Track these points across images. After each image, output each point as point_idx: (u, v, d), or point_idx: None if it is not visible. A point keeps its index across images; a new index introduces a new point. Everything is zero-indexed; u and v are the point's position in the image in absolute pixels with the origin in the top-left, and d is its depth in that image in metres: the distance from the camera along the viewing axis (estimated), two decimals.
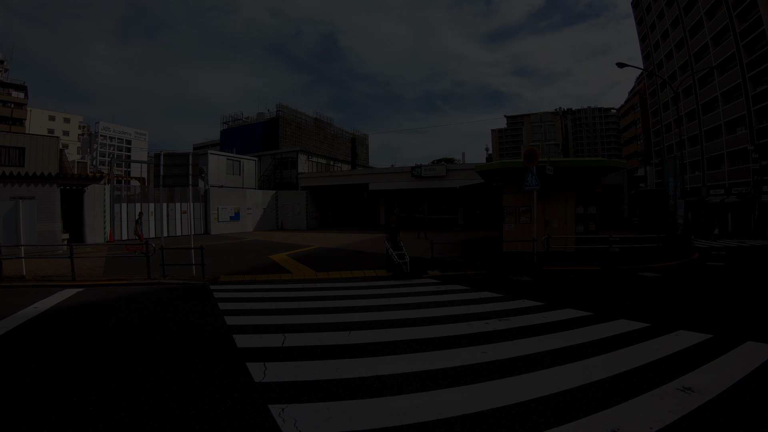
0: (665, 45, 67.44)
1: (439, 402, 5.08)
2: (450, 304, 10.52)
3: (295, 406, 5.02)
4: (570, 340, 7.42)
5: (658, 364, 6.29)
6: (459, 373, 6.00)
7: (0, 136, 35.35)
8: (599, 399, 5.11)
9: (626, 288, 12.71)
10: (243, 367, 6.26)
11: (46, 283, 13.74)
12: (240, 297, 11.73)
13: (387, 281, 14.12)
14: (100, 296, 11.83)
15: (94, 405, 5.07)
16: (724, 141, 51.57)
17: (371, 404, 5.07)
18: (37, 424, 4.66)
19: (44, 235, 21.62)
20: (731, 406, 4.92)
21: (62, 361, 6.64)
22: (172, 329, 8.40)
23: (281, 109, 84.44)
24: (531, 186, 16.60)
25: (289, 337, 7.70)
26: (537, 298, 11.05)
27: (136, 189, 33.71)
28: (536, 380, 5.71)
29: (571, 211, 19.27)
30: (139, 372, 6.12)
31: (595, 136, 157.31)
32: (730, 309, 9.97)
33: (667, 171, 26.06)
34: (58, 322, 9.13)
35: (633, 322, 8.69)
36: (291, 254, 21.29)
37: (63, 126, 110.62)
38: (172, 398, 5.25)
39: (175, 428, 4.57)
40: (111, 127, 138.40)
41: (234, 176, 45.86)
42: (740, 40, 47.65)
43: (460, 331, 8.10)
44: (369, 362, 6.47)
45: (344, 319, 9.10)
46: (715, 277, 14.85)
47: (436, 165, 46.24)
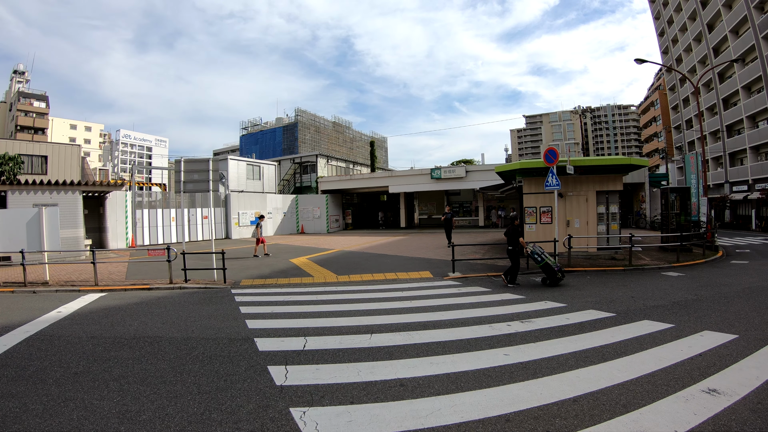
0: (683, 39, 66.68)
1: (460, 405, 5.06)
2: (471, 307, 10.48)
3: (317, 409, 5.04)
4: (593, 342, 7.36)
5: (683, 365, 6.21)
6: (481, 375, 5.98)
7: (23, 145, 35.88)
8: (623, 401, 5.06)
9: (649, 288, 12.55)
10: (265, 371, 6.30)
11: (69, 288, 13.92)
12: (261, 301, 11.81)
13: (408, 284, 14.10)
14: (123, 301, 11.99)
15: (116, 407, 5.17)
16: (746, 136, 50.81)
17: (393, 407, 5.06)
18: (61, 426, 4.75)
19: (67, 241, 21.89)
20: (757, 408, 4.85)
21: (85, 364, 6.77)
22: (194, 333, 8.48)
23: (299, 113, 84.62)
24: (552, 186, 16.46)
25: (310, 341, 7.73)
26: (559, 300, 11.00)
27: (158, 195, 34.00)
28: (559, 382, 5.67)
29: (592, 211, 19.09)
30: (161, 375, 6.21)
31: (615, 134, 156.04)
32: (755, 308, 9.82)
33: (688, 168, 25.72)
34: (81, 326, 9.28)
35: (657, 322, 8.60)
36: (312, 258, 21.33)
37: (84, 134, 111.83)
38: (194, 401, 5.31)
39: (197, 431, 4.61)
40: (131, 135, 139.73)
41: (254, 181, 46.05)
42: (759, 32, 46.96)
43: (482, 333, 8.08)
44: (390, 365, 6.47)
45: (365, 322, 9.12)
46: (740, 276, 14.63)
47: (455, 166, 46.05)
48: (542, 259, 13.22)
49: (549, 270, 13.20)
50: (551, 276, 13.24)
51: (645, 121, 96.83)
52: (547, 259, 13.26)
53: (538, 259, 13.29)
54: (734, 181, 53.12)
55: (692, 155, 25.95)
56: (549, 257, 13.40)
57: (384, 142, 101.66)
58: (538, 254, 13.35)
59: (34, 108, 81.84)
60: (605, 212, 19.09)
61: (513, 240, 13.71)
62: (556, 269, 13.21)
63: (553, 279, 13.24)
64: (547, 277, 13.35)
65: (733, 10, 52.31)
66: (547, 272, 13.28)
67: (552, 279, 13.26)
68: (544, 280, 13.51)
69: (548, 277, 13.32)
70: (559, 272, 13.22)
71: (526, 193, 20.01)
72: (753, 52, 48.84)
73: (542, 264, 13.23)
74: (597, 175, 19.27)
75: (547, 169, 16.72)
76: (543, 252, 13.46)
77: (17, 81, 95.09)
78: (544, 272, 13.41)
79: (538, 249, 13.58)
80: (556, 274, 13.19)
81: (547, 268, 13.21)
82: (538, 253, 13.39)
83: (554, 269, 13.17)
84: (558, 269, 13.24)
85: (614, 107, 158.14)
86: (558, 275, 13.21)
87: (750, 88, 50.89)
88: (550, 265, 13.18)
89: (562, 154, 17.35)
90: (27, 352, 7.42)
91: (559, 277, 13.25)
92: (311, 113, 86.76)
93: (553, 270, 13.17)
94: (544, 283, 13.39)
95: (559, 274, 13.22)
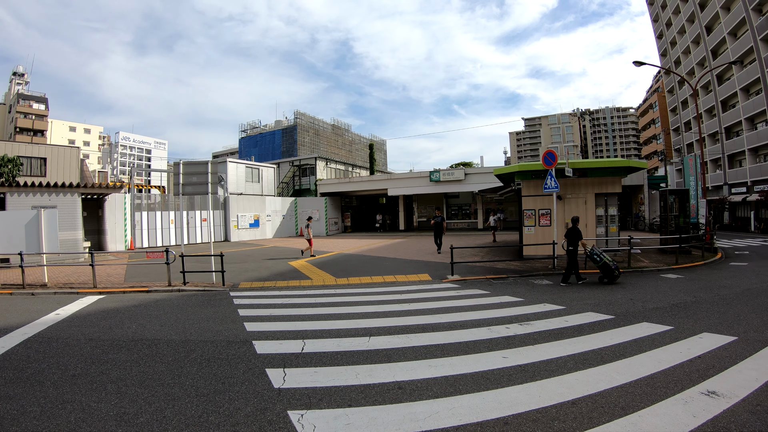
0: (682, 41, 66.75)
1: (458, 408, 5.05)
2: (470, 309, 10.46)
3: (315, 412, 5.03)
4: (592, 344, 7.35)
5: (682, 367, 6.20)
6: (479, 378, 5.97)
7: (22, 147, 35.90)
8: (622, 404, 5.05)
9: (648, 290, 12.55)
10: (263, 374, 6.29)
11: (67, 290, 13.94)
12: (260, 303, 11.80)
13: (406, 287, 14.08)
14: (121, 303, 11.98)
15: (114, 410, 5.17)
16: (745, 137, 50.83)
17: (391, 410, 5.05)
18: (58, 428, 4.76)
19: (66, 243, 21.92)
20: (756, 410, 4.84)
21: (83, 366, 6.77)
22: (192, 336, 8.47)
23: (299, 116, 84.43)
24: (550, 188, 16.48)
25: (308, 343, 7.71)
26: (558, 302, 10.97)
27: (157, 197, 33.98)
28: (558, 385, 5.65)
29: (591, 213, 19.10)
30: (159, 378, 6.20)
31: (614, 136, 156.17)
32: (754, 310, 9.81)
33: (687, 170, 25.73)
34: (79, 328, 9.28)
35: (656, 325, 8.59)
36: (310, 260, 21.34)
37: (83, 136, 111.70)
38: (192, 404, 5.30)
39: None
40: (131, 137, 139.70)
41: (253, 184, 46.06)
42: (758, 34, 47.03)
43: (480, 336, 8.06)
44: (388, 368, 6.46)
45: (364, 324, 9.11)
46: (739, 278, 14.63)
47: (454, 169, 46.05)
48: (600, 259, 13.95)
49: (607, 269, 13.87)
50: (609, 275, 13.92)
51: (644, 123, 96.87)
52: (605, 259, 13.93)
53: (597, 259, 14.01)
54: (733, 183, 53.14)
55: (691, 157, 25.96)
56: (607, 257, 14.04)
57: (383, 145, 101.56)
58: (597, 254, 14.07)
59: (34, 110, 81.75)
60: (604, 214, 19.11)
61: (573, 241, 14.21)
62: (613, 267, 13.83)
63: (611, 277, 13.91)
64: (605, 276, 14.05)
65: (731, 12, 52.39)
66: (605, 271, 13.93)
67: (610, 278, 13.93)
68: (601, 279, 14.22)
69: (606, 276, 14.01)
70: (615, 270, 13.86)
71: (525, 196, 19.99)
72: (751, 54, 48.90)
73: (601, 264, 13.95)
74: (596, 178, 19.28)
75: (546, 171, 16.75)
76: (601, 252, 14.13)
77: (17, 83, 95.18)
78: (601, 271, 14.12)
79: (596, 249, 14.25)
80: (613, 272, 13.86)
81: (605, 267, 13.89)
82: (597, 253, 14.09)
83: (612, 268, 13.81)
84: (615, 267, 13.88)
85: (613, 110, 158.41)
86: (615, 273, 13.87)
87: (748, 90, 50.94)
88: (609, 265, 13.85)
89: (560, 156, 17.34)
90: (25, 354, 7.41)
91: (616, 275, 13.92)
92: (310, 116, 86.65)
93: (611, 269, 13.83)
94: (601, 282, 14.05)
95: (616, 272, 13.88)
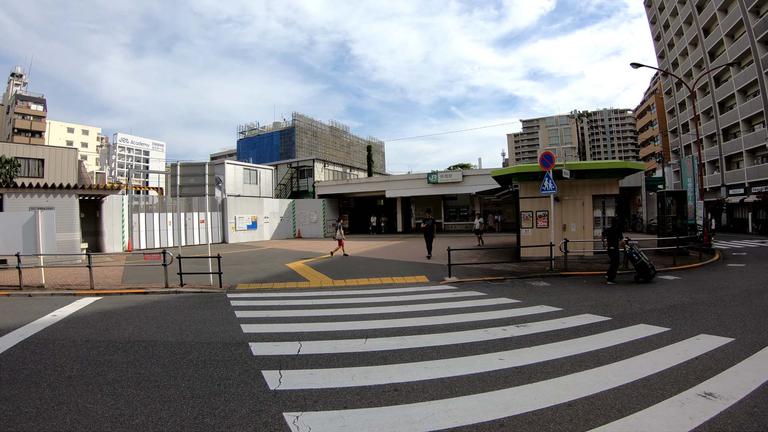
0: (679, 43, 66.98)
1: (454, 410, 5.03)
2: (467, 311, 10.45)
3: (310, 414, 5.02)
4: (589, 346, 7.34)
5: (679, 369, 6.19)
6: (475, 380, 5.95)
7: (20, 148, 35.87)
8: (618, 406, 5.03)
9: (645, 292, 12.53)
10: (258, 375, 6.28)
11: (64, 291, 13.92)
12: (257, 305, 11.78)
13: (404, 288, 14.07)
14: (118, 305, 11.96)
15: (109, 411, 5.16)
16: (743, 139, 50.98)
17: (386, 412, 5.03)
18: (54, 429, 4.76)
19: (63, 245, 21.89)
20: (754, 412, 4.82)
21: (79, 367, 6.76)
22: (188, 337, 8.45)
23: (297, 117, 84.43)
24: (547, 190, 16.49)
25: (305, 345, 7.70)
26: (555, 304, 10.95)
27: (154, 199, 33.96)
28: (554, 387, 5.64)
29: (588, 215, 19.09)
30: (154, 379, 6.19)
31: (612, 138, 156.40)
32: (752, 311, 9.81)
33: (684, 171, 25.75)
34: (76, 329, 9.27)
35: (653, 326, 8.58)
36: (308, 262, 21.31)
37: (81, 138, 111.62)
38: (188, 406, 5.29)
39: None
40: (129, 138, 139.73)
41: (251, 185, 46.02)
42: (755, 36, 47.17)
43: (477, 338, 8.04)
44: (384, 370, 6.44)
45: (361, 326, 9.09)
46: (736, 279, 14.65)
47: (452, 171, 46.12)
48: (638, 258, 14.42)
49: (644, 268, 14.31)
50: (645, 274, 14.32)
51: (641, 125, 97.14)
52: (643, 258, 14.40)
53: (635, 258, 14.50)
54: (731, 184, 53.32)
55: (688, 159, 25.99)
56: (644, 256, 14.52)
57: (381, 147, 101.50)
58: (635, 254, 14.55)
59: (32, 111, 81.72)
60: (602, 216, 19.11)
61: (614, 240, 14.59)
62: (650, 267, 14.32)
63: (647, 277, 14.31)
64: (641, 275, 14.43)
65: (729, 14, 52.59)
66: (642, 270, 14.36)
67: (646, 277, 14.32)
68: (636, 278, 14.54)
69: (641, 275, 14.41)
70: (651, 270, 14.36)
71: (522, 198, 20.00)
72: (749, 55, 49.07)
73: (638, 263, 14.40)
74: (593, 179, 19.28)
75: (543, 173, 16.76)
76: (640, 252, 14.59)
77: (15, 84, 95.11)
78: (637, 271, 14.52)
79: (636, 249, 14.70)
80: (649, 272, 14.31)
81: (642, 266, 14.34)
82: (636, 252, 14.57)
83: (648, 267, 14.29)
84: (651, 267, 14.37)
85: (611, 111, 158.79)
86: (651, 272, 14.35)
87: (746, 92, 51.11)
88: (646, 264, 14.32)
89: (558, 158, 17.32)
90: (21, 356, 7.39)
91: (652, 275, 14.39)
92: (308, 117, 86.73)
93: (647, 268, 14.28)
94: (637, 281, 14.35)
95: (652, 272, 14.38)
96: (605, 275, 14.73)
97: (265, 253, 27.39)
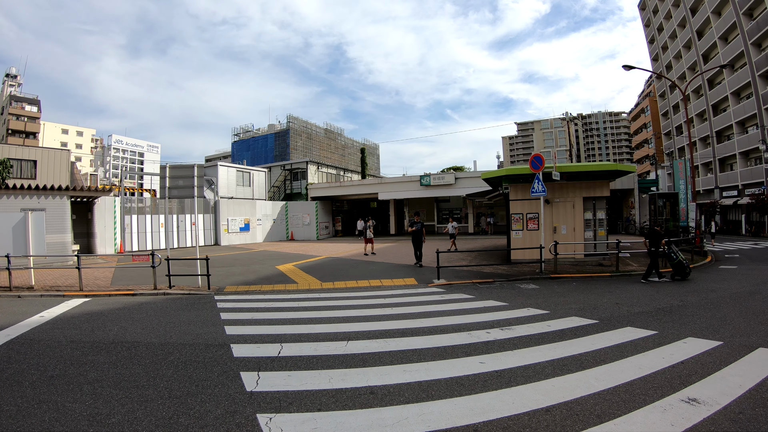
0: (673, 46, 67.25)
1: (428, 414, 4.97)
2: (453, 314, 10.41)
3: (283, 416, 5.00)
4: (573, 350, 7.28)
5: (664, 373, 6.13)
6: (453, 384, 5.89)
7: (12, 149, 35.69)
8: (598, 412, 4.97)
9: (635, 294, 12.50)
10: (237, 377, 6.27)
11: (54, 293, 13.88)
12: (243, 307, 11.74)
13: (391, 291, 14.02)
14: (105, 306, 11.96)
15: (87, 410, 5.21)
16: (736, 141, 51.15)
17: (359, 416, 4.99)
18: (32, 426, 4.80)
19: (54, 246, 21.78)
20: (739, 419, 4.74)
21: (62, 367, 6.80)
22: (172, 339, 8.44)
23: (291, 120, 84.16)
24: (537, 192, 16.47)
25: (286, 347, 7.67)
26: (542, 306, 10.91)
27: (147, 201, 33.87)
28: (533, 392, 5.58)
29: (579, 217, 19.07)
30: (134, 380, 6.22)
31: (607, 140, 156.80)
32: (742, 314, 9.77)
33: (677, 173, 25.86)
34: (62, 330, 9.29)
35: (640, 329, 8.54)
36: (298, 264, 21.25)
37: (76, 139, 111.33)
38: (164, 406, 5.31)
39: None
40: (123, 140, 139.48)
41: (244, 187, 45.93)
42: (748, 38, 47.35)
43: (460, 341, 7.98)
44: (362, 373, 6.40)
45: (344, 329, 9.05)
46: (727, 281, 14.66)
47: (444, 173, 46.09)
48: (676, 257, 15.24)
49: (681, 267, 15.20)
50: (681, 272, 15.21)
51: (635, 127, 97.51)
52: (680, 257, 15.23)
53: (673, 257, 15.31)
54: (724, 186, 53.49)
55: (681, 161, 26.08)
56: (681, 255, 15.38)
57: (376, 149, 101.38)
58: (673, 253, 15.35)
59: (26, 112, 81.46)
60: (592, 218, 19.09)
61: (655, 242, 15.37)
62: (686, 265, 15.27)
63: (683, 275, 15.19)
64: (677, 273, 15.28)
65: (722, 17, 52.84)
66: (678, 269, 15.23)
67: (682, 275, 15.20)
68: (672, 276, 15.39)
69: (678, 273, 15.26)
70: (687, 268, 15.28)
71: (513, 200, 19.99)
72: (742, 58, 49.28)
73: (676, 262, 15.25)
74: (584, 182, 19.27)
75: (533, 175, 16.74)
76: (677, 251, 15.44)
77: (9, 84, 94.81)
78: (674, 269, 15.35)
79: (674, 248, 15.50)
80: (685, 270, 15.21)
81: (679, 265, 15.20)
82: (674, 252, 15.36)
83: (684, 265, 15.21)
84: (687, 265, 15.31)
85: (605, 114, 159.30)
86: (687, 270, 15.26)
87: (739, 94, 51.31)
88: (683, 263, 15.20)
89: (550, 160, 17.34)
90: (6, 356, 7.43)
91: (687, 272, 15.31)
92: (303, 120, 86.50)
93: (683, 266, 15.18)
94: (673, 279, 15.19)
95: (687, 269, 15.28)
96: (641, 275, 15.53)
97: (256, 255, 27.36)
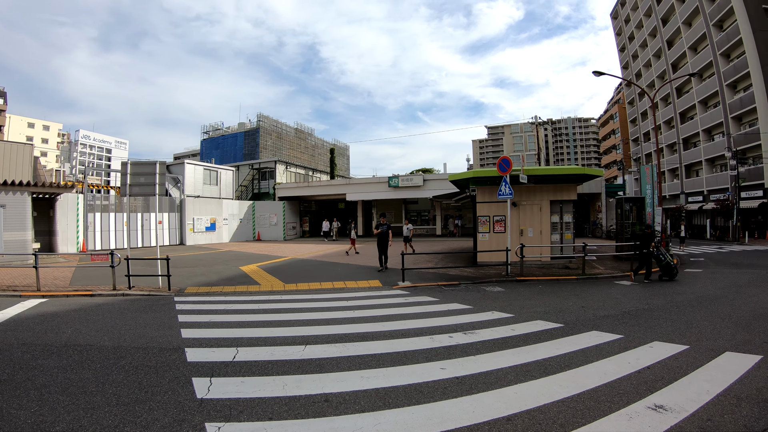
0: (643, 55, 68.56)
1: (384, 423, 4.79)
2: (416, 317, 10.26)
3: (233, 425, 4.82)
4: (537, 355, 7.17)
5: (629, 379, 6.04)
6: (412, 391, 5.72)
7: None
8: (561, 420, 4.83)
9: (601, 297, 12.53)
10: (188, 382, 6.06)
11: (10, 293, 13.44)
12: (202, 309, 11.47)
13: (355, 293, 13.86)
14: (62, 307, 11.61)
15: (32, 417, 5.03)
16: (702, 148, 52.26)
17: (312, 425, 4.80)
18: None
19: (13, 244, 21.15)
20: (706, 426, 4.64)
21: (10, 371, 6.56)
22: (125, 342, 8.17)
23: (262, 119, 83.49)
24: (504, 195, 16.47)
25: (241, 352, 7.45)
26: (507, 310, 10.81)
27: (111, 198, 33.15)
28: (494, 399, 5.43)
29: (546, 220, 19.09)
30: (83, 385, 5.98)
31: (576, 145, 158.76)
32: (707, 317, 9.81)
33: (644, 178, 26.18)
34: (14, 332, 8.96)
35: (605, 333, 8.49)
36: (262, 265, 20.99)
37: (42, 133, 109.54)
38: (111, 413, 5.11)
39: None
40: (91, 136, 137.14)
41: (211, 186, 45.38)
42: (717, 49, 48.27)
43: (421, 345, 7.83)
44: (319, 379, 6.21)
45: (303, 332, 8.84)
46: (693, 285, 14.77)
47: (413, 175, 46.10)
48: (664, 259, 15.90)
49: (668, 268, 15.87)
50: (669, 273, 15.88)
51: (604, 133, 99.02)
52: (668, 259, 15.92)
53: (662, 258, 15.89)
54: (690, 192, 54.59)
55: (648, 166, 26.40)
56: (669, 257, 16.07)
57: (346, 150, 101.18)
58: (662, 254, 15.94)
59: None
60: (559, 221, 19.15)
61: (646, 244, 16.02)
62: (673, 266, 15.96)
63: (671, 275, 15.88)
64: (665, 274, 15.96)
65: (692, 27, 54.02)
66: (666, 270, 15.90)
67: (670, 275, 15.88)
68: (660, 277, 16.08)
69: (665, 274, 15.94)
70: (675, 269, 16.01)
71: (480, 202, 19.97)
72: (711, 68, 50.37)
73: (664, 263, 15.90)
74: (551, 185, 19.37)
75: (501, 178, 16.71)
76: (665, 253, 16.12)
77: None
78: (662, 270, 16.04)
79: (662, 250, 16.12)
80: (672, 271, 15.89)
81: (667, 266, 15.87)
82: (662, 253, 15.97)
83: (672, 267, 15.88)
84: (674, 266, 16.03)
85: (575, 120, 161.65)
86: (674, 271, 15.98)
87: (707, 103, 52.42)
88: (670, 264, 15.88)
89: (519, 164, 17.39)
90: None
91: (675, 273, 16.02)
92: (273, 119, 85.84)
93: (671, 267, 15.85)
94: (661, 279, 15.85)
95: (675, 270, 16.00)
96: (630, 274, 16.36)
97: (221, 255, 27.01)
